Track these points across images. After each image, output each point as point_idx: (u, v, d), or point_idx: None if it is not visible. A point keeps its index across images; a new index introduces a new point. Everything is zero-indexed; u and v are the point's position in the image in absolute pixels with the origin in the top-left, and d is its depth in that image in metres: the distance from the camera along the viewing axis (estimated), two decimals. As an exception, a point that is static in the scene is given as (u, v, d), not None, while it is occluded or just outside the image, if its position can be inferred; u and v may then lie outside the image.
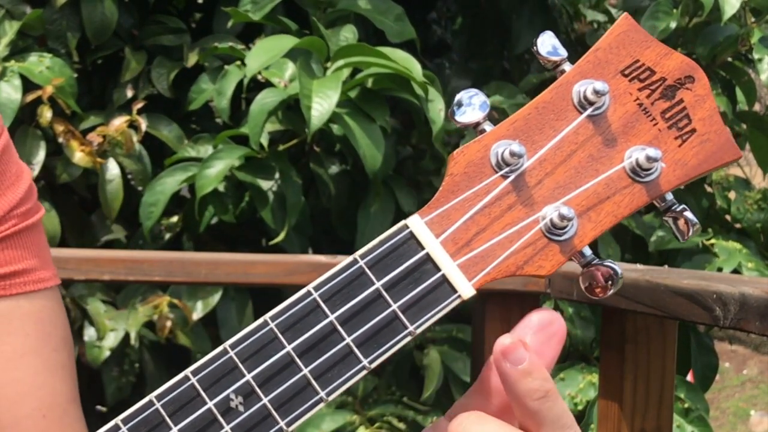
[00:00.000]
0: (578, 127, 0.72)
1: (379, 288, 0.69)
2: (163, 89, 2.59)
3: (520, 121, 0.72)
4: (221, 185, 2.39)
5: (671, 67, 0.73)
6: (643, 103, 0.73)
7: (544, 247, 0.70)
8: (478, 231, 0.70)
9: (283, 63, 2.38)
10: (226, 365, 0.68)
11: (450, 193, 0.71)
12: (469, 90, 0.73)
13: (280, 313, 0.69)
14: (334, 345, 0.68)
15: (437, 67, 3.02)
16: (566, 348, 2.59)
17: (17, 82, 2.35)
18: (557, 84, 0.73)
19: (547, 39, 0.73)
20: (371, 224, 2.45)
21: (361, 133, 2.28)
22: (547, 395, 0.66)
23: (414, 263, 0.69)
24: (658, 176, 0.71)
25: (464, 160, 0.71)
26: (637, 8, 2.79)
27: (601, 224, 0.71)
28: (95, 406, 2.66)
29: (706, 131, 0.73)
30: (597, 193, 0.71)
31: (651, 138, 0.72)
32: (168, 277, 1.92)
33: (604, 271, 0.71)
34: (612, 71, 0.73)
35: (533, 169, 0.71)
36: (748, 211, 2.82)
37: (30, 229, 0.91)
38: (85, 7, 2.50)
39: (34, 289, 0.90)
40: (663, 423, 1.65)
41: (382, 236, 0.70)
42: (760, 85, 2.86)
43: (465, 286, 0.69)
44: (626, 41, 0.73)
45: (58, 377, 0.91)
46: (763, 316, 1.22)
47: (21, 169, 0.93)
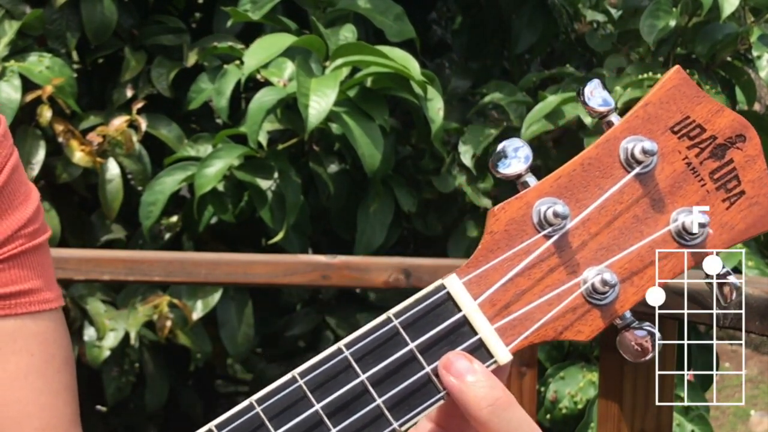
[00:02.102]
0: (624, 186, 0.69)
1: (413, 349, 0.66)
2: (162, 89, 2.59)
3: (564, 177, 0.69)
4: (220, 185, 2.39)
5: (722, 125, 0.70)
6: (691, 162, 0.70)
7: (585, 312, 0.68)
8: (518, 293, 0.68)
9: (282, 62, 2.38)
10: (253, 422, 0.65)
11: (489, 253, 0.69)
12: (513, 140, 0.70)
13: (309, 369, 0.66)
14: (365, 406, 0.66)
15: (437, 66, 3.02)
16: (566, 347, 2.59)
17: (17, 82, 2.35)
18: (604, 139, 0.70)
19: (596, 90, 0.71)
20: (370, 223, 2.45)
21: (360, 132, 2.28)
22: (496, 403, 0.64)
23: (450, 325, 0.67)
24: (704, 240, 0.69)
25: (505, 218, 0.69)
26: (637, 8, 2.79)
27: (644, 289, 0.69)
28: (95, 406, 2.66)
29: (756, 194, 0.70)
30: (641, 257, 0.69)
31: (698, 199, 0.70)
32: (168, 277, 1.92)
33: (639, 336, 0.69)
34: (661, 128, 0.70)
35: (576, 230, 0.69)
36: (748, 210, 2.81)
37: (36, 249, 0.91)
38: (85, 7, 2.50)
39: (39, 309, 0.90)
40: (663, 423, 1.65)
41: (418, 295, 0.68)
42: (760, 84, 2.86)
43: (502, 351, 0.67)
44: (677, 96, 0.71)
45: (60, 398, 0.91)
46: (763, 316, 1.22)
47: (29, 189, 0.93)
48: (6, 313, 0.89)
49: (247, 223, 2.50)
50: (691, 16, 2.68)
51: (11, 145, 0.92)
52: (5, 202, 0.90)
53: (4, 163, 0.90)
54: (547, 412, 2.43)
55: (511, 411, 0.65)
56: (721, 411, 5.37)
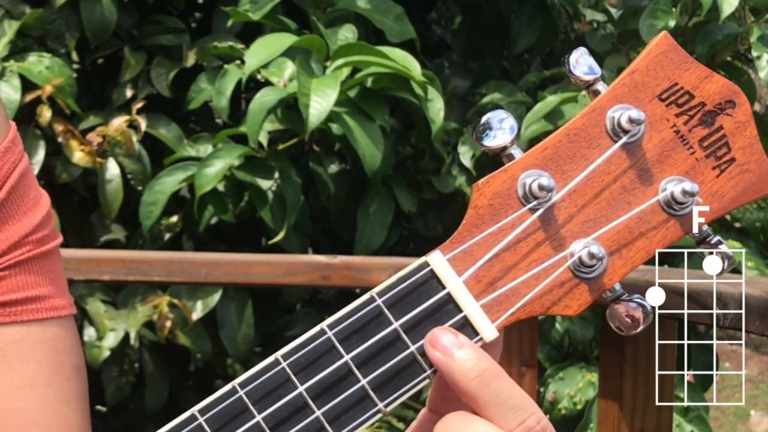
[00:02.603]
0: (611, 156, 0.68)
1: (397, 328, 0.65)
2: (162, 89, 2.59)
3: (550, 149, 0.68)
4: (220, 185, 2.39)
5: (711, 91, 0.69)
6: (680, 130, 0.68)
7: (573, 286, 0.67)
8: (504, 268, 0.67)
9: (282, 62, 2.38)
10: (235, 406, 0.64)
11: (474, 228, 0.67)
12: (498, 111, 0.68)
13: (292, 351, 0.65)
14: (349, 387, 0.65)
15: (437, 66, 3.02)
16: (566, 347, 2.59)
17: (16, 82, 2.35)
18: (590, 109, 0.68)
19: (582, 57, 0.69)
20: (370, 223, 2.45)
21: (360, 132, 2.28)
22: (484, 374, 0.63)
23: (435, 303, 0.66)
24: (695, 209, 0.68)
25: (489, 192, 0.67)
26: (636, 7, 2.79)
27: (633, 261, 0.68)
28: (95, 406, 2.66)
29: (746, 161, 0.68)
30: (629, 228, 0.67)
31: (687, 168, 0.68)
32: (168, 277, 1.92)
33: (631, 308, 0.68)
34: (648, 95, 0.68)
35: (563, 202, 0.67)
36: (748, 210, 2.82)
37: (45, 255, 0.90)
38: (85, 7, 2.50)
39: (47, 316, 0.88)
40: (663, 423, 1.65)
41: (401, 273, 0.66)
42: (760, 84, 2.86)
43: (488, 328, 0.66)
44: (664, 63, 0.69)
45: (70, 407, 0.90)
46: (763, 316, 1.22)
47: (39, 195, 0.92)
48: (12, 320, 0.87)
49: (247, 223, 2.50)
50: (690, 16, 2.68)
51: (21, 150, 0.92)
52: (13, 207, 0.89)
53: (12, 169, 0.89)
54: (546, 413, 2.43)
55: (500, 381, 0.64)
56: (721, 411, 5.36)
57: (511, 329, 1.84)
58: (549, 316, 2.60)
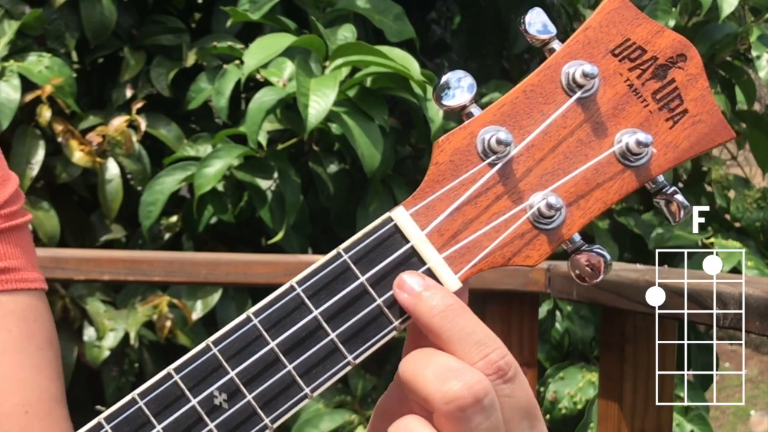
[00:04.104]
0: (567, 110, 0.70)
1: (363, 282, 0.68)
2: (162, 89, 2.59)
3: (507, 105, 0.70)
4: (220, 184, 2.39)
5: (663, 46, 0.71)
6: (633, 83, 0.70)
7: (533, 237, 0.69)
8: (465, 222, 0.69)
9: (282, 62, 2.38)
10: (210, 362, 0.67)
11: (435, 183, 0.70)
12: (457, 71, 0.70)
13: (263, 308, 0.68)
14: (319, 341, 0.67)
15: (436, 66, 3.02)
16: (566, 347, 2.59)
17: (16, 82, 2.35)
18: (545, 66, 0.70)
19: (536, 16, 0.71)
20: (370, 223, 2.45)
21: (359, 132, 2.28)
22: (448, 309, 0.65)
23: (399, 257, 0.68)
24: (649, 160, 0.69)
25: (450, 148, 0.70)
26: (636, 7, 2.79)
27: (590, 211, 0.69)
28: (95, 406, 2.66)
29: (698, 112, 0.70)
30: (586, 180, 0.69)
31: (641, 120, 0.70)
32: (168, 277, 1.92)
33: (592, 257, 0.69)
34: (602, 51, 0.70)
35: (521, 156, 0.69)
36: (748, 210, 2.82)
37: (16, 229, 0.90)
38: (84, 6, 2.50)
39: (17, 287, 0.89)
40: (663, 423, 1.65)
41: (366, 229, 0.69)
42: (760, 84, 2.86)
43: (451, 279, 0.68)
44: (617, 19, 0.71)
45: (43, 375, 0.89)
46: (763, 316, 1.22)
47: (8, 174, 0.92)
48: None
49: (247, 223, 2.50)
50: (690, 16, 2.69)
51: None
52: None
53: None
54: (546, 413, 2.43)
55: (463, 317, 0.65)
56: (721, 411, 5.37)
57: (510, 328, 1.84)
58: (549, 316, 2.60)
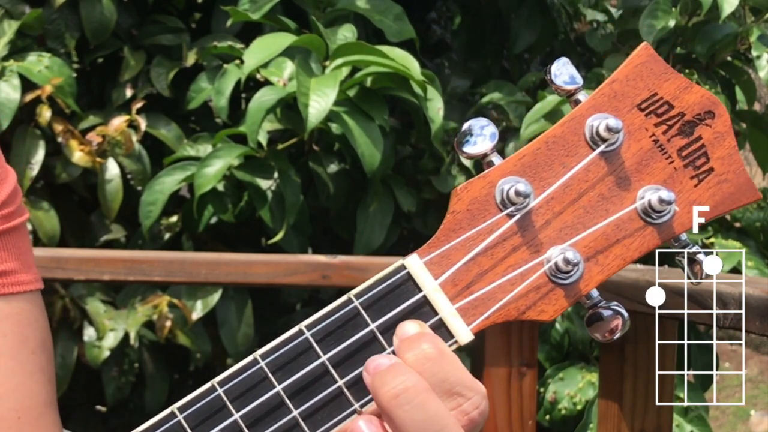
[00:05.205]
0: (589, 164, 0.68)
1: (374, 330, 0.67)
2: (162, 89, 2.59)
3: (528, 156, 0.69)
4: (220, 184, 2.39)
5: (691, 102, 0.69)
6: (659, 139, 0.69)
7: (548, 291, 0.68)
8: (480, 273, 0.67)
9: (282, 62, 2.38)
10: (214, 404, 0.66)
11: (451, 232, 0.68)
12: (480, 119, 0.69)
13: (271, 351, 0.67)
14: (326, 387, 0.66)
15: (437, 66, 3.02)
16: (566, 347, 2.59)
17: (16, 82, 2.34)
18: (569, 117, 0.69)
19: (563, 67, 0.70)
20: (370, 223, 2.45)
21: (359, 132, 2.28)
22: (405, 393, 0.62)
23: (411, 305, 0.67)
24: (672, 218, 0.68)
25: (468, 197, 0.68)
26: (636, 7, 2.79)
27: (609, 268, 0.68)
28: (95, 406, 2.66)
29: (725, 171, 0.69)
30: (606, 235, 0.68)
31: (665, 177, 0.69)
32: (168, 277, 1.92)
33: (609, 315, 0.68)
34: (628, 105, 0.69)
35: (540, 208, 0.68)
36: (748, 210, 2.82)
37: (12, 231, 0.90)
38: (84, 6, 2.50)
39: (12, 291, 0.89)
40: (663, 423, 1.65)
41: (379, 276, 0.68)
42: (760, 84, 2.86)
43: (463, 331, 0.67)
44: (644, 73, 0.70)
45: (35, 380, 0.89)
46: (763, 316, 1.22)
47: (6, 172, 0.91)
48: None
49: (247, 223, 2.50)
50: (690, 16, 2.68)
51: None
52: None
53: None
54: (546, 413, 2.43)
55: (425, 405, 0.63)
56: (721, 411, 5.36)
57: (510, 329, 1.84)
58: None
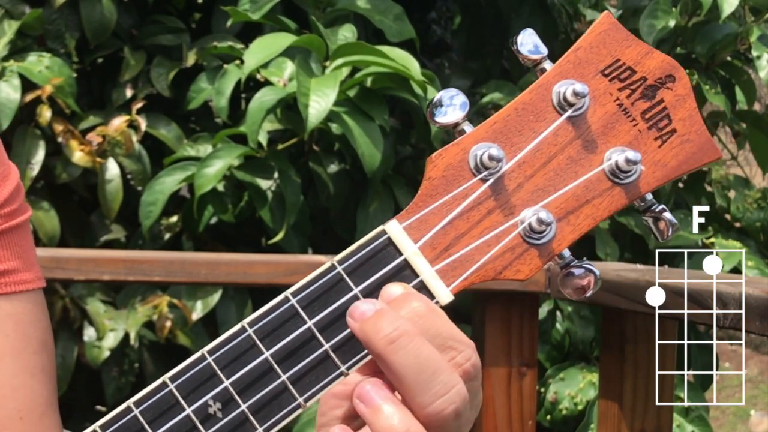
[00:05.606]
0: (558, 128, 0.71)
1: (357, 294, 0.68)
2: (162, 89, 2.59)
3: (499, 122, 0.72)
4: (220, 184, 2.39)
5: (652, 67, 0.72)
6: (623, 103, 0.72)
7: (523, 251, 0.70)
8: (457, 236, 0.70)
9: (282, 62, 2.38)
10: (205, 372, 0.68)
11: (428, 198, 0.71)
12: (449, 90, 0.72)
13: (258, 319, 0.68)
14: (313, 351, 0.67)
15: (437, 66, 3.02)
16: (566, 347, 2.59)
17: (16, 82, 2.35)
18: (537, 84, 0.73)
19: (528, 37, 0.73)
20: (370, 223, 2.45)
21: (360, 132, 2.28)
22: (401, 338, 0.64)
23: (392, 269, 0.69)
24: (638, 178, 0.71)
25: (443, 164, 0.72)
26: (636, 7, 2.79)
27: (580, 227, 0.71)
28: (95, 406, 2.66)
29: (687, 131, 0.72)
30: (576, 196, 0.71)
31: (631, 139, 0.72)
32: (168, 277, 1.92)
33: (581, 273, 0.71)
34: (592, 71, 0.72)
35: (512, 172, 0.71)
36: (748, 210, 2.82)
37: (14, 229, 0.90)
38: (84, 7, 2.50)
39: (14, 290, 0.89)
40: (663, 423, 1.65)
41: (360, 242, 0.70)
42: (760, 84, 2.86)
43: (443, 292, 0.69)
44: (607, 40, 0.73)
45: (37, 380, 0.89)
46: (763, 316, 1.22)
47: (9, 169, 0.91)
48: None
49: (247, 223, 2.50)
50: (690, 16, 2.69)
51: None
52: None
53: None
54: (547, 413, 2.43)
55: (419, 348, 0.64)
56: (721, 411, 5.37)
57: (511, 329, 1.84)
58: (550, 317, 2.60)
